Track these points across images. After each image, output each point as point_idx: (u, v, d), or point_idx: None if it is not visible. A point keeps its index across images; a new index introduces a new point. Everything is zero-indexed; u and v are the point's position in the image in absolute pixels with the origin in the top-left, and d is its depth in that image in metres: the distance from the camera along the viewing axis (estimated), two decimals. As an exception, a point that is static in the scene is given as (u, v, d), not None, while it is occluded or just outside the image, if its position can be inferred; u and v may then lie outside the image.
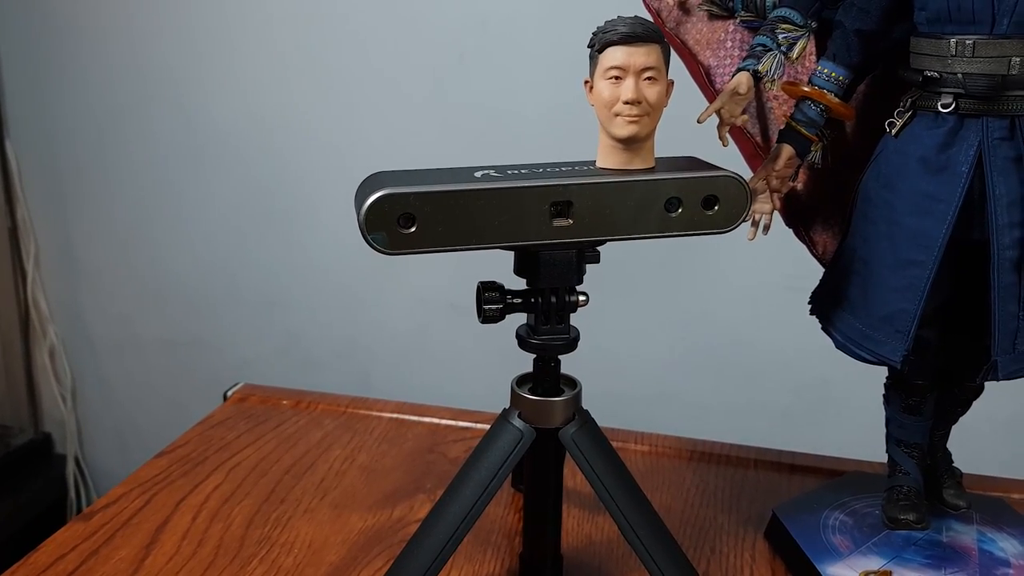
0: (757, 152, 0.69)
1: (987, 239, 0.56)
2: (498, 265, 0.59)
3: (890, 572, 0.62)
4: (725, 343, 1.27)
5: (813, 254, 0.69)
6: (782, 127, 0.66)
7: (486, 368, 1.32)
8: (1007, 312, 0.56)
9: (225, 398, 0.88)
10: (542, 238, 0.54)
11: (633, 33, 0.52)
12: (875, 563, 0.63)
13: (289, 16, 1.26)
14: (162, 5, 1.29)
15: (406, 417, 0.85)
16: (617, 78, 0.53)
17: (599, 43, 0.53)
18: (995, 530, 0.67)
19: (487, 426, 0.85)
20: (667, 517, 0.59)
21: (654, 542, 0.57)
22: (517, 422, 0.58)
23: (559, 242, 0.54)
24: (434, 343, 1.39)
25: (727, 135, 0.61)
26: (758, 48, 0.61)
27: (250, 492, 0.73)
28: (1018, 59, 0.53)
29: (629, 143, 0.54)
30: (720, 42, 0.69)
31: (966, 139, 0.55)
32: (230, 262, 1.43)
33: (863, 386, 1.17)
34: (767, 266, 1.17)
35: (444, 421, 0.85)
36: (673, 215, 0.55)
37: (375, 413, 0.86)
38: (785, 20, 0.61)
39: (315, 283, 1.41)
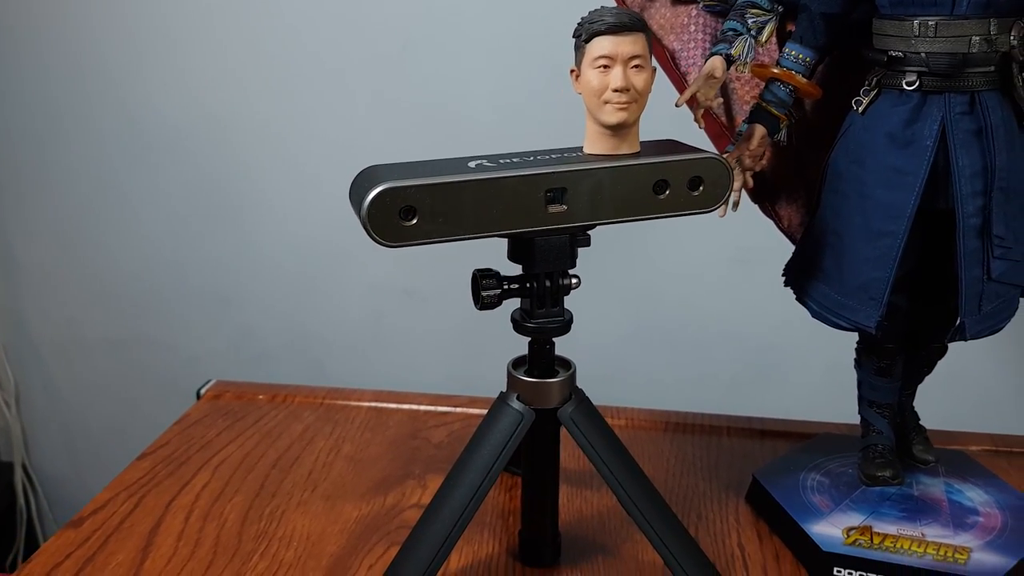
0: (723, 132, 0.71)
1: (951, 208, 0.59)
2: (450, 250, 0.59)
3: (870, 527, 0.65)
4: (674, 317, 1.31)
5: (780, 227, 0.72)
6: (746, 106, 0.68)
7: (442, 352, 1.34)
8: (972, 276, 0.59)
9: (198, 396, 0.87)
10: (538, 224, 0.55)
11: (620, 23, 0.54)
12: (855, 519, 0.66)
13: (230, 8, 1.24)
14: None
15: (385, 405, 0.86)
16: (605, 67, 0.54)
17: (586, 33, 0.55)
18: (960, 481, 0.71)
19: (466, 410, 0.87)
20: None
21: (654, 513, 0.60)
22: (516, 404, 0.59)
23: (554, 228, 0.56)
24: (388, 330, 1.40)
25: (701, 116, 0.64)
26: (729, 32, 0.63)
27: (239, 489, 0.73)
28: (978, 38, 0.56)
29: (618, 129, 0.56)
30: (684, 26, 0.71)
31: (930, 115, 0.58)
32: (177, 258, 1.41)
33: (808, 351, 1.21)
34: (712, 241, 1.20)
35: (423, 407, 0.86)
36: (661, 197, 0.57)
37: (353, 403, 0.86)
38: (754, 5, 0.63)
39: (266, 276, 1.39)
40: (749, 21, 0.63)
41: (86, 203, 1.38)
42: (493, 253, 0.61)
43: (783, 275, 0.68)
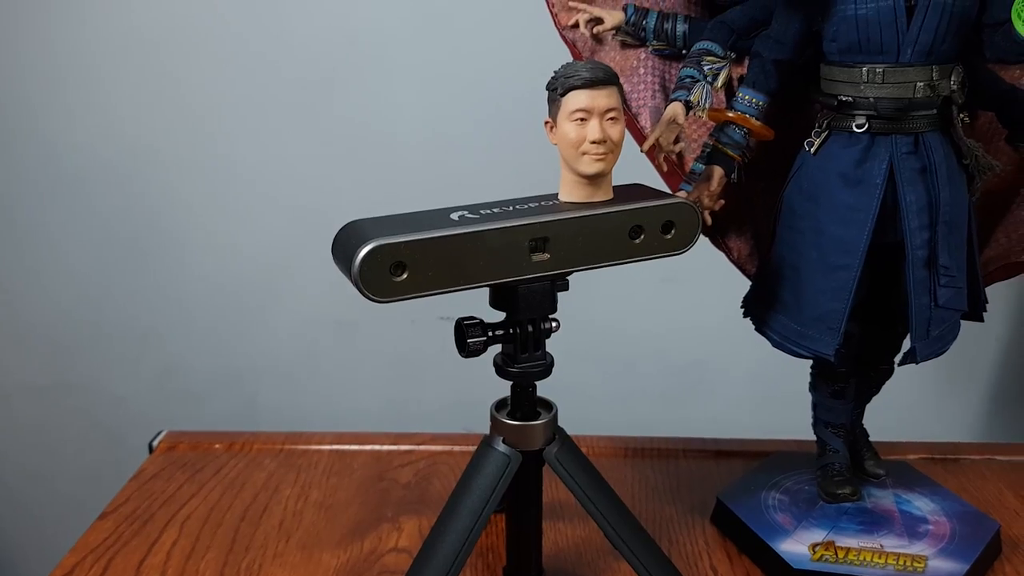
0: (674, 171, 0.74)
1: (900, 241, 0.63)
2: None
3: (833, 542, 0.69)
4: (606, 337, 1.34)
5: (730, 259, 0.75)
6: (694, 144, 0.71)
7: (377, 381, 1.33)
8: (921, 304, 0.64)
9: (151, 449, 0.85)
10: (523, 273, 0.57)
11: (596, 77, 0.56)
12: (818, 535, 0.70)
13: (151, 38, 1.21)
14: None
15: (346, 447, 0.86)
16: (582, 119, 0.56)
17: (562, 87, 0.56)
18: (907, 491, 0.76)
19: (429, 448, 0.88)
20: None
21: (639, 546, 0.62)
22: (502, 447, 0.61)
23: (537, 276, 0.57)
24: (322, 362, 1.38)
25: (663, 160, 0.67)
26: (686, 80, 0.66)
27: (211, 545, 0.72)
28: (921, 84, 0.60)
29: (595, 178, 0.58)
30: (633, 69, 0.74)
31: (878, 155, 0.62)
32: (94, 297, 1.36)
33: (730, 365, 1.26)
34: (644, 263, 1.24)
35: (386, 447, 0.86)
36: (636, 242, 0.59)
37: (314, 447, 0.86)
38: (709, 53, 0.66)
39: (190, 312, 1.36)
40: (705, 68, 0.65)
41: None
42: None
43: (741, 306, 0.72)
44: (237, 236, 1.26)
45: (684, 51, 0.72)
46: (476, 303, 0.61)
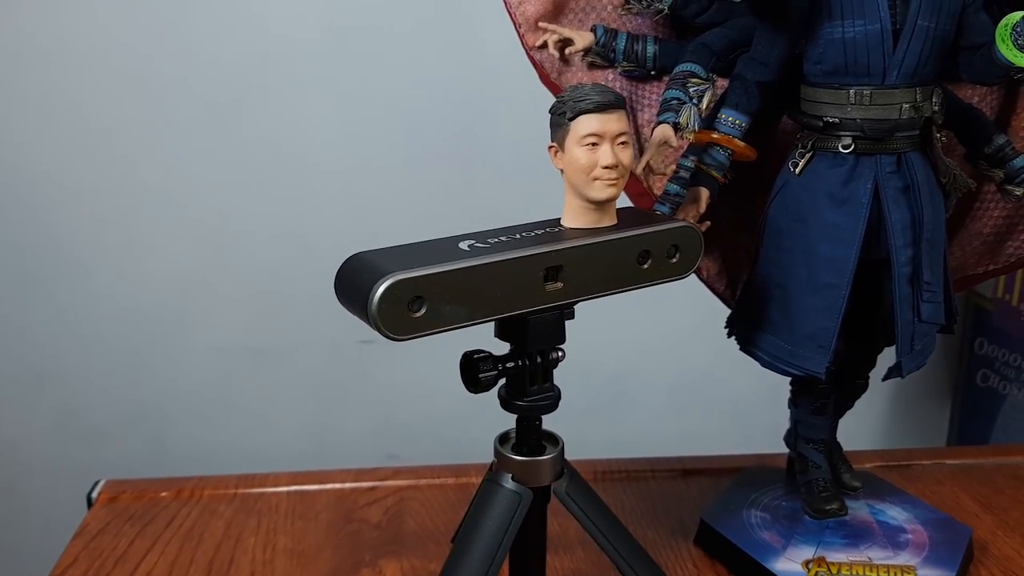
0: (646, 191, 0.73)
1: (884, 258, 0.64)
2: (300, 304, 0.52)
3: (824, 557, 0.70)
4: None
5: (700, 278, 0.76)
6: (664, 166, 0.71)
7: (297, 410, 1.28)
8: (906, 319, 0.65)
9: (90, 501, 0.78)
10: (537, 304, 0.55)
11: (607, 101, 0.54)
12: (808, 552, 0.70)
13: (43, 57, 1.12)
14: None
15: (305, 488, 0.81)
16: (594, 144, 0.55)
17: (571, 111, 0.55)
18: (879, 501, 0.77)
19: (394, 483, 0.84)
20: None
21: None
22: (511, 484, 0.58)
23: (550, 305, 0.55)
24: (237, 394, 1.32)
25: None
26: (673, 102, 0.65)
27: (179, 604, 0.66)
28: (907, 105, 0.62)
29: (604, 204, 0.56)
30: (602, 90, 0.73)
31: (863, 174, 0.63)
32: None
33: (652, 377, 1.27)
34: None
35: (348, 485, 0.82)
36: (644, 267, 0.58)
37: (270, 489, 0.81)
38: (693, 75, 0.66)
39: (91, 347, 1.27)
40: (691, 90, 0.65)
41: None
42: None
43: (726, 327, 0.72)
44: (143, 263, 1.19)
45: (653, 72, 0.72)
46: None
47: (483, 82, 1.14)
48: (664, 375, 1.28)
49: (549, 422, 0.60)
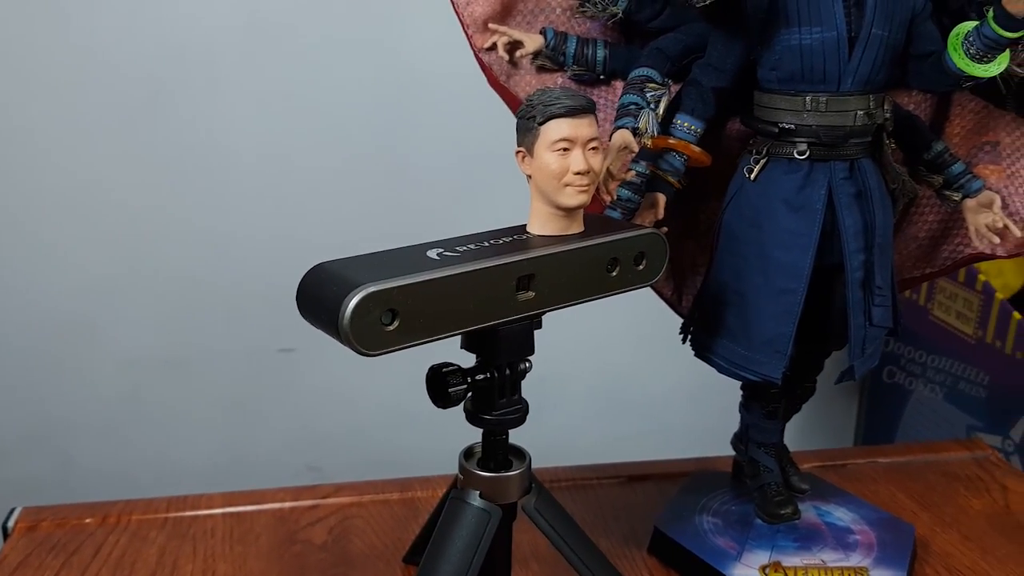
0: (594, 196, 0.72)
1: (836, 264, 0.65)
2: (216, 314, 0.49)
3: (779, 562, 0.70)
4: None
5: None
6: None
7: (212, 423, 1.23)
8: (857, 323, 0.66)
9: (6, 531, 0.72)
10: (509, 314, 0.53)
11: (578, 105, 0.53)
12: (763, 557, 0.70)
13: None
14: None
15: (242, 509, 0.77)
16: (565, 149, 0.53)
17: (541, 115, 0.53)
18: (823, 503, 0.78)
19: (336, 500, 0.80)
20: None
21: (621, 590, 0.59)
22: (479, 502, 0.56)
23: (522, 316, 0.54)
24: (149, 407, 1.25)
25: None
26: (631, 107, 0.64)
27: (116, 641, 0.62)
28: (861, 112, 0.62)
29: (574, 210, 0.55)
30: (551, 94, 0.71)
31: (817, 180, 0.64)
32: None
33: (571, 381, 1.27)
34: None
35: (287, 504, 0.78)
36: (613, 274, 0.57)
37: (204, 512, 0.76)
38: (650, 80, 0.65)
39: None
40: (648, 95, 0.64)
41: None
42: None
43: (680, 333, 0.71)
44: (46, 270, 1.13)
45: (602, 76, 0.71)
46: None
47: (410, 83, 1.11)
48: (583, 379, 1.28)
49: (467, 433, 0.59)
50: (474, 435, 0.60)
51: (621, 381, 1.30)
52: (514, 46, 0.69)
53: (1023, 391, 1.01)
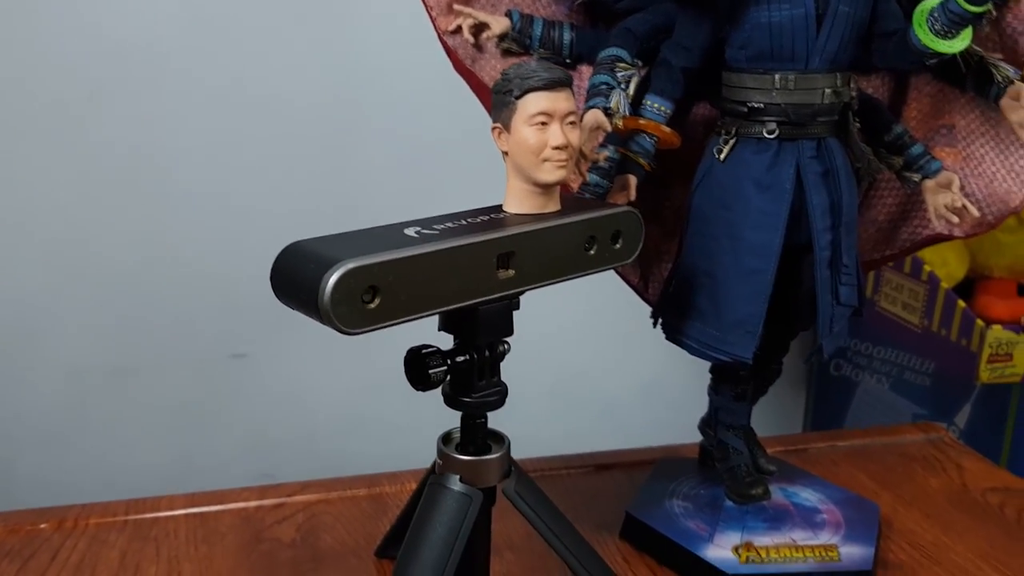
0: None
1: (803, 243, 0.66)
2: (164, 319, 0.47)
3: (751, 542, 0.70)
4: (384, 356, 1.29)
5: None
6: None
7: (162, 430, 1.20)
8: (825, 302, 0.66)
9: (-46, 539, 0.69)
10: (490, 292, 0.52)
11: (556, 78, 0.53)
12: (735, 538, 0.70)
13: None
14: None
15: (205, 509, 0.74)
16: (543, 124, 0.52)
17: (518, 89, 0.53)
18: (790, 484, 0.79)
19: (303, 498, 0.78)
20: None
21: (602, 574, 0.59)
22: (459, 486, 0.55)
23: (503, 294, 0.53)
24: (95, 415, 1.21)
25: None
26: (602, 87, 0.64)
27: (78, 646, 0.59)
28: (828, 90, 0.63)
29: (551, 187, 0.54)
30: (516, 77, 0.71)
31: (786, 160, 0.64)
32: None
33: (530, 373, 1.27)
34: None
35: (252, 503, 0.76)
36: (591, 253, 0.56)
37: (165, 513, 0.74)
38: (620, 60, 0.65)
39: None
40: (618, 75, 0.64)
41: None
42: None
43: (652, 317, 0.71)
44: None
45: (568, 60, 0.70)
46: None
47: (358, 79, 1.10)
48: (539, 375, 1.27)
49: (421, 437, 0.57)
50: (430, 438, 0.58)
51: (576, 378, 1.30)
52: (479, 28, 0.69)
53: (967, 378, 1.03)
